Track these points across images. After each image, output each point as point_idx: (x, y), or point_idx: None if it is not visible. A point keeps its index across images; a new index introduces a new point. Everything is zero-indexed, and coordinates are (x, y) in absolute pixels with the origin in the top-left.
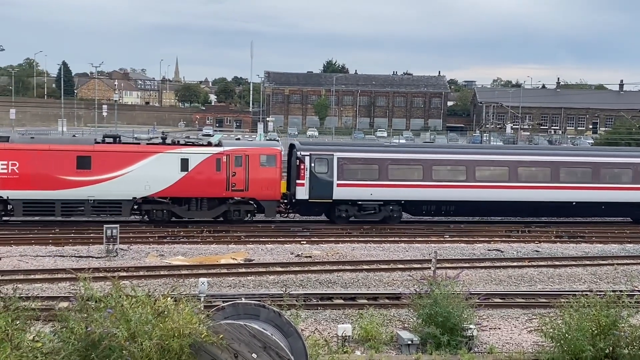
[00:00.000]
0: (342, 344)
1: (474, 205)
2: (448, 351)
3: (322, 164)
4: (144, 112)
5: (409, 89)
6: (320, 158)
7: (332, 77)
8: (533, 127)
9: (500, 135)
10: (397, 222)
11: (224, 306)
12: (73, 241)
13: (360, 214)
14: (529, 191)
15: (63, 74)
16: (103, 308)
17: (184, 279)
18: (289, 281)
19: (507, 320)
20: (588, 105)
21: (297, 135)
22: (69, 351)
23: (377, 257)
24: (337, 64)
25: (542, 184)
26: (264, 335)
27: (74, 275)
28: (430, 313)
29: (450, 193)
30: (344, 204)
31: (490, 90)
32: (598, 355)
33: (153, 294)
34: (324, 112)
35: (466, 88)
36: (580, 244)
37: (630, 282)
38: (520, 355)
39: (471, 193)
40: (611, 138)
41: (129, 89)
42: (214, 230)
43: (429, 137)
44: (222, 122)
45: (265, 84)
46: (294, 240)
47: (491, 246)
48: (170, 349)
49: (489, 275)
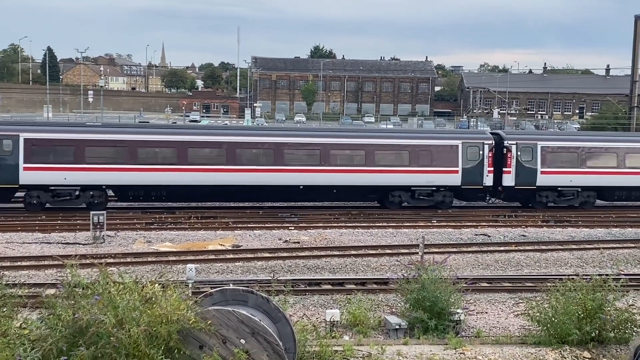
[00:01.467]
0: (330, 329)
1: None
2: (435, 335)
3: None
4: (130, 97)
5: (396, 74)
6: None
7: (320, 62)
8: (520, 112)
9: (487, 120)
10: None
11: (212, 292)
12: (59, 228)
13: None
14: None
15: (48, 60)
16: (90, 295)
17: (171, 265)
18: (277, 267)
19: (494, 304)
20: (575, 90)
21: (284, 121)
22: (57, 338)
23: (365, 242)
24: (324, 49)
25: None
26: (252, 321)
27: (60, 262)
28: (418, 298)
29: None
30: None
31: (478, 76)
32: (584, 339)
33: (140, 280)
34: (311, 97)
35: (453, 73)
36: (566, 229)
37: (616, 266)
38: (507, 339)
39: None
40: (598, 123)
41: (115, 74)
42: (202, 217)
43: (416, 123)
44: (209, 108)
45: (252, 69)
46: (282, 226)
47: (478, 231)
48: (158, 335)
49: (476, 259)
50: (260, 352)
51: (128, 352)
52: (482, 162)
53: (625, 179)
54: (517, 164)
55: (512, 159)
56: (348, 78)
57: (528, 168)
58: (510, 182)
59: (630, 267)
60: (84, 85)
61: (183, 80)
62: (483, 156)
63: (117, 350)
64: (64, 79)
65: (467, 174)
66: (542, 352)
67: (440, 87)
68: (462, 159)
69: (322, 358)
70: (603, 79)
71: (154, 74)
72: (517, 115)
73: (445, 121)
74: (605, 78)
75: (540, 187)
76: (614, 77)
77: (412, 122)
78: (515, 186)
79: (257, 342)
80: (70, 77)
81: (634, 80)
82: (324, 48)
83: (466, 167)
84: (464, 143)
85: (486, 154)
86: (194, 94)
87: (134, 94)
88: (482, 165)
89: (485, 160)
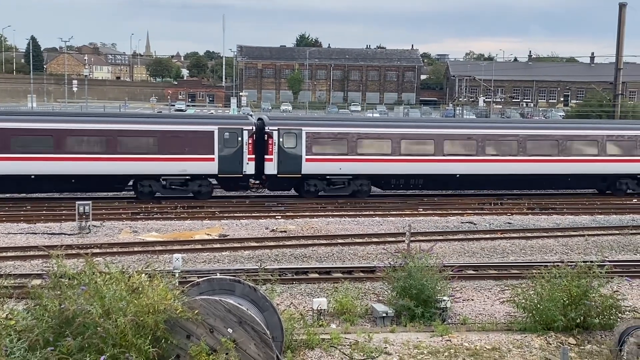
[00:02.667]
0: (317, 317)
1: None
2: (422, 323)
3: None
4: (115, 87)
5: (382, 63)
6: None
7: (305, 51)
8: (505, 100)
9: (473, 108)
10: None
11: (199, 282)
12: (45, 218)
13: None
14: None
15: (32, 49)
16: (77, 285)
17: (158, 255)
18: (264, 256)
19: (480, 291)
20: (560, 77)
21: (270, 110)
22: (43, 328)
23: (352, 231)
24: (310, 38)
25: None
26: (239, 310)
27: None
28: (405, 286)
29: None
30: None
31: (463, 64)
32: (569, 325)
33: (127, 270)
34: (297, 86)
35: (439, 61)
36: (551, 216)
37: (600, 252)
38: (493, 325)
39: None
40: (582, 110)
41: (99, 63)
42: (188, 206)
43: (402, 111)
44: (195, 97)
45: (237, 58)
46: (268, 215)
47: (464, 219)
48: (145, 325)
49: (462, 247)
50: (248, 341)
51: (115, 342)
52: (241, 148)
53: (401, 166)
54: (279, 150)
55: (274, 146)
56: (334, 67)
57: (292, 155)
58: (273, 170)
59: (615, 253)
60: (68, 75)
61: (168, 69)
62: (242, 142)
63: (104, 340)
64: (48, 69)
65: (225, 162)
66: (527, 339)
67: (426, 75)
68: (219, 145)
69: (309, 346)
70: (588, 66)
71: (138, 63)
72: (503, 103)
73: (431, 109)
74: (590, 66)
75: (307, 176)
76: (598, 65)
77: (399, 111)
78: (278, 174)
79: (244, 331)
80: (54, 67)
81: (618, 68)
82: (310, 36)
83: (223, 154)
84: (221, 129)
85: (246, 140)
86: (179, 83)
87: (118, 83)
88: (241, 153)
89: (245, 147)
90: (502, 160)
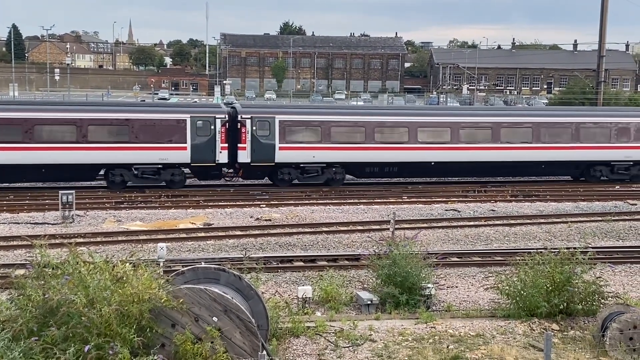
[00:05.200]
0: (302, 305)
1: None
2: (407, 310)
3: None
4: (98, 75)
5: (366, 51)
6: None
7: (289, 39)
8: (489, 88)
9: (457, 96)
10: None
11: (184, 271)
12: (28, 208)
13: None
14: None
15: (13, 38)
16: (60, 275)
17: (142, 244)
18: (248, 244)
19: (464, 278)
20: (543, 65)
21: (254, 98)
22: (27, 318)
23: (337, 219)
24: (294, 26)
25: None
26: (224, 298)
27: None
28: (389, 273)
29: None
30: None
31: (447, 52)
32: (553, 311)
33: (111, 259)
34: (281, 74)
35: (423, 49)
36: (535, 203)
37: (583, 239)
38: (477, 312)
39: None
40: (565, 98)
41: (82, 52)
42: (172, 195)
43: (386, 99)
44: (178, 85)
45: (221, 46)
46: (253, 203)
47: (448, 206)
48: (130, 314)
49: (447, 234)
50: (233, 329)
51: (99, 331)
52: (214, 137)
53: (374, 154)
54: (252, 139)
55: (247, 134)
56: (318, 55)
57: (265, 143)
58: (246, 159)
59: (598, 240)
60: (50, 63)
61: (151, 58)
62: (215, 131)
63: (88, 329)
64: (30, 57)
65: (197, 151)
66: (511, 325)
67: (410, 63)
68: (191, 134)
69: (294, 334)
70: (570, 54)
71: (121, 52)
72: (486, 90)
73: (415, 97)
74: (573, 53)
75: (280, 164)
76: (581, 53)
77: (383, 99)
78: (251, 163)
79: (229, 320)
80: (36, 55)
81: (601, 55)
82: (294, 24)
83: (196, 143)
84: (193, 117)
85: (218, 129)
86: (162, 72)
87: (101, 71)
88: (214, 141)
89: (218, 136)
90: (476, 147)
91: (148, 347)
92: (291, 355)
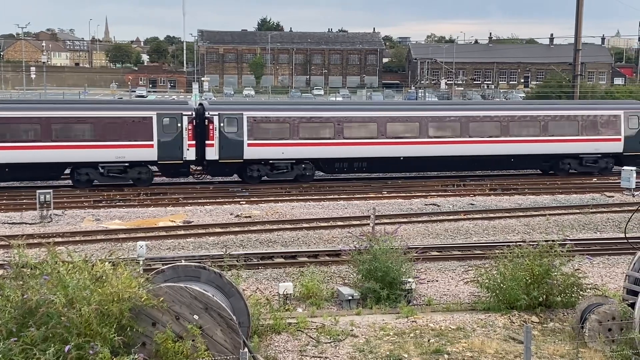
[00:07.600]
0: (283, 302)
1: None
2: (388, 305)
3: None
4: (74, 73)
5: (344, 46)
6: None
7: (267, 35)
8: (467, 83)
9: (435, 91)
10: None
11: (164, 269)
12: (5, 208)
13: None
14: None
15: None
16: (39, 275)
17: (121, 243)
18: (229, 242)
19: (444, 272)
20: (519, 59)
21: (233, 95)
22: (6, 319)
23: (317, 215)
24: (271, 22)
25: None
26: (205, 296)
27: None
28: (370, 268)
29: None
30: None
31: (425, 47)
32: (532, 304)
33: (90, 259)
34: (259, 71)
35: (401, 45)
36: (513, 196)
37: (561, 231)
38: (457, 306)
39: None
40: (542, 92)
41: (58, 50)
42: (151, 193)
43: (365, 94)
44: (156, 83)
45: (199, 42)
46: (233, 200)
47: (428, 201)
48: (110, 313)
49: (426, 229)
50: (214, 327)
51: (79, 331)
52: (180, 134)
53: (343, 150)
54: (220, 136)
55: (215, 131)
56: (296, 51)
57: (233, 140)
58: (214, 156)
59: (576, 232)
60: (25, 62)
61: (128, 55)
62: (182, 128)
63: (68, 329)
64: (5, 56)
65: (164, 148)
66: (491, 318)
67: (388, 58)
68: (157, 131)
69: (276, 331)
70: (547, 48)
71: (97, 49)
72: (464, 85)
73: (394, 92)
74: (550, 47)
75: (249, 161)
76: (557, 46)
77: (361, 94)
78: (219, 160)
79: (210, 317)
80: (11, 54)
81: (577, 49)
82: (272, 20)
83: (162, 140)
84: (159, 114)
85: (185, 126)
86: (139, 69)
87: (77, 69)
88: (181, 138)
89: (185, 133)
90: (445, 142)
91: (129, 346)
92: (273, 352)
